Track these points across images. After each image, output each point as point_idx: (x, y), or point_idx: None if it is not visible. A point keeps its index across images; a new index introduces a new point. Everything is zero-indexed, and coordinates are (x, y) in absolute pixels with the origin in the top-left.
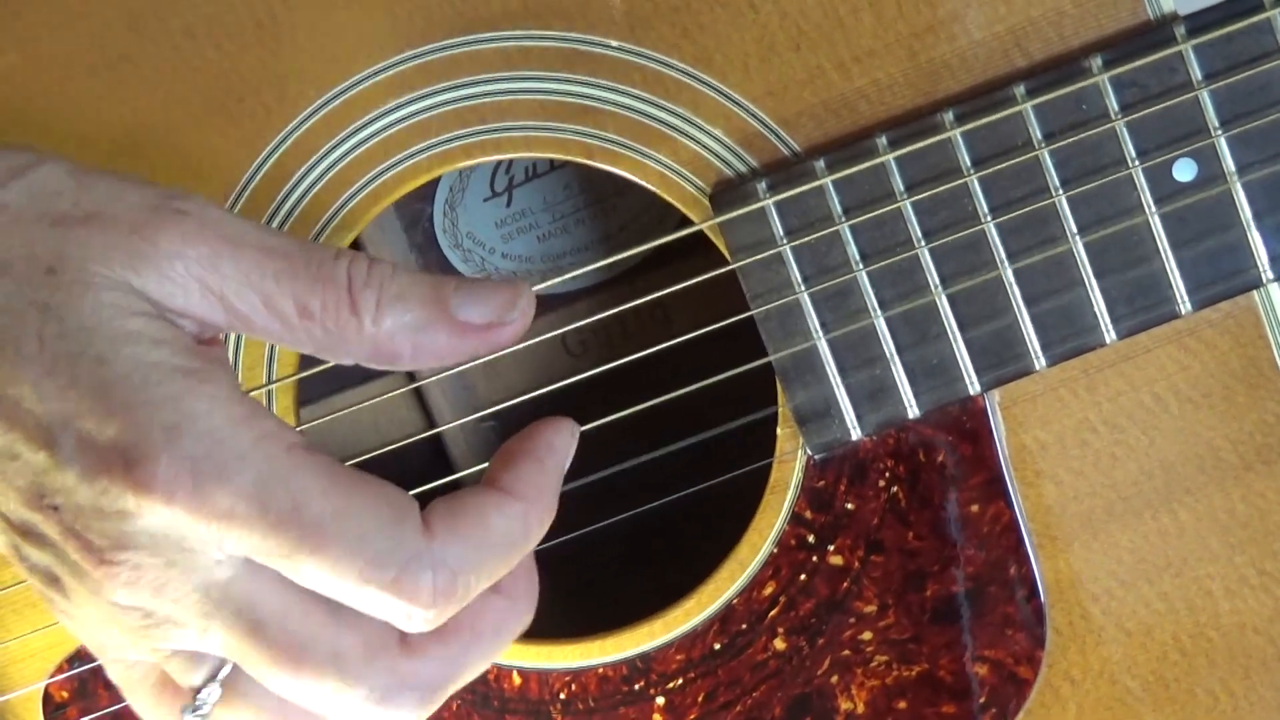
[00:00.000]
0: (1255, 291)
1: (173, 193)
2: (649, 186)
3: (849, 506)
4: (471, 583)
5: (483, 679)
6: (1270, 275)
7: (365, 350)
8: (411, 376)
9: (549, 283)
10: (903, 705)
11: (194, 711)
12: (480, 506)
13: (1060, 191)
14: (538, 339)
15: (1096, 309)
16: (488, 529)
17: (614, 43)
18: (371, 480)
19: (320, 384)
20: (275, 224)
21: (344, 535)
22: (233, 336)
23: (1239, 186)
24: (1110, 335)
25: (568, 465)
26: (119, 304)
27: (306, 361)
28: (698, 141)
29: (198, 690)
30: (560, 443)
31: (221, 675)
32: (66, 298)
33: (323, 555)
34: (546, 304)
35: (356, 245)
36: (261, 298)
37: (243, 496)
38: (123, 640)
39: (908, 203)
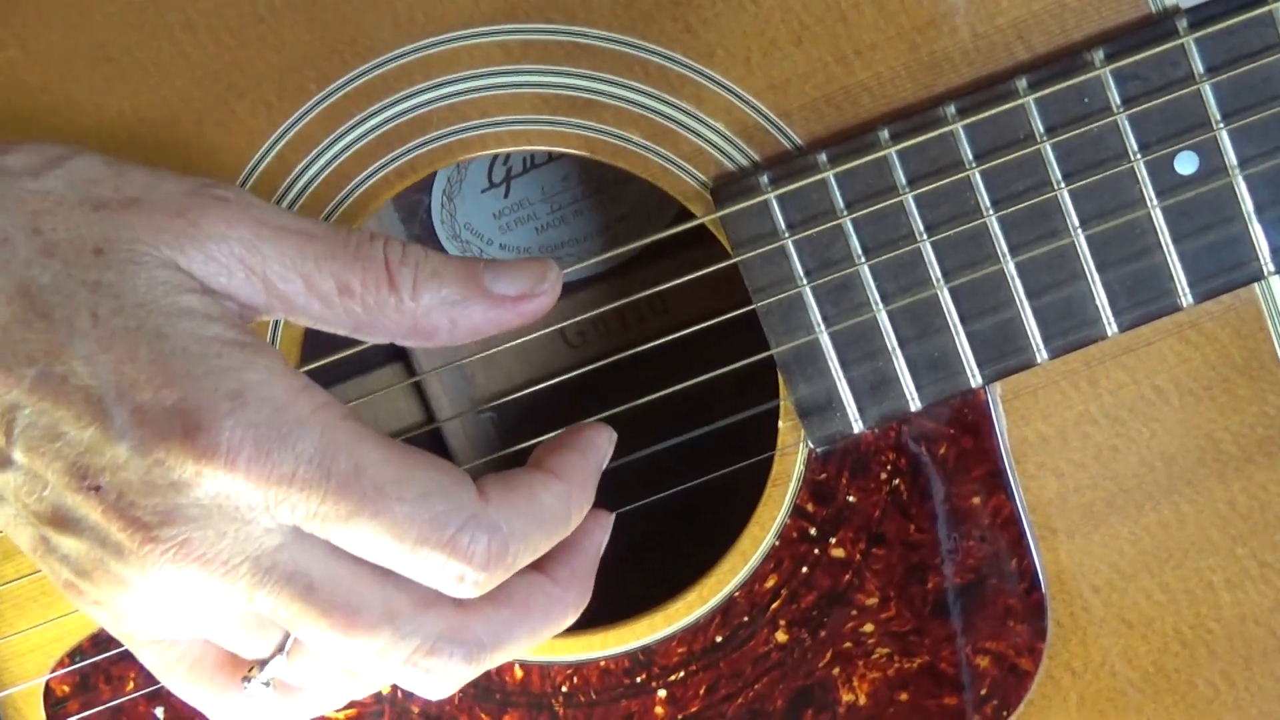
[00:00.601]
0: (1256, 284)
1: (209, 181)
2: (651, 180)
3: (850, 499)
4: (520, 552)
5: (484, 673)
6: (1272, 268)
7: (404, 325)
8: (411, 370)
9: None
10: (904, 697)
11: (261, 681)
12: (530, 483)
13: (1062, 185)
14: (536, 330)
15: (1098, 302)
16: (537, 503)
17: (615, 36)
18: (423, 451)
19: (319, 376)
20: None
21: (405, 497)
22: None
23: (1240, 179)
24: (1111, 328)
25: (604, 466)
26: (171, 280)
27: (307, 355)
28: (699, 135)
29: (265, 662)
30: (601, 442)
31: (289, 646)
32: (118, 276)
33: (384, 517)
34: None
35: None
36: (303, 278)
37: (305, 461)
38: (170, 618)
39: (909, 196)
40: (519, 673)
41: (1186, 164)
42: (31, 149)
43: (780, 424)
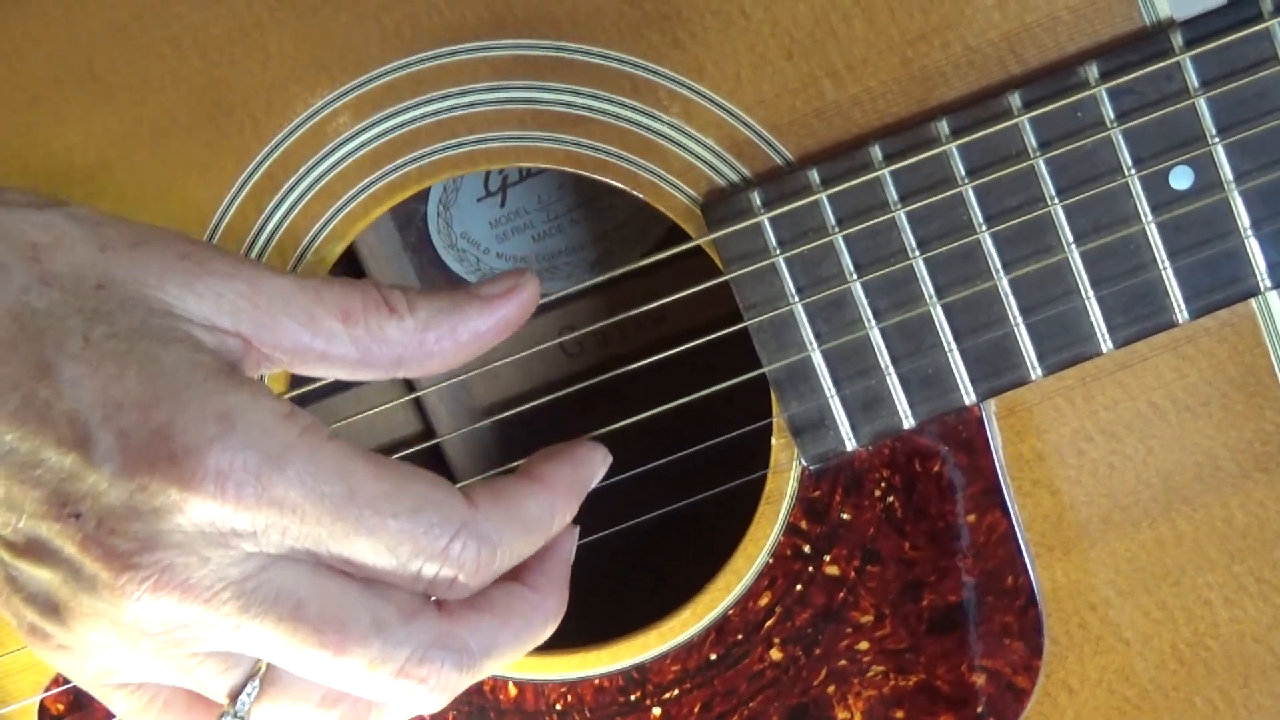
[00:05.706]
0: (1253, 299)
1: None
2: (640, 196)
3: (845, 517)
4: (505, 558)
5: (479, 690)
6: (1268, 283)
7: (411, 344)
8: (410, 383)
9: (545, 285)
10: (900, 715)
11: (234, 716)
12: (517, 490)
13: (1056, 200)
14: (534, 341)
15: (1093, 318)
16: (523, 510)
17: (604, 51)
18: (410, 465)
19: (318, 389)
20: (264, 235)
21: (399, 513)
22: None
23: (1236, 194)
24: (1107, 344)
25: (594, 484)
26: (169, 312)
27: (298, 379)
28: (689, 151)
29: (236, 694)
30: (595, 460)
31: (261, 673)
32: (116, 307)
33: (380, 534)
34: (543, 305)
35: (350, 249)
36: (305, 311)
37: (296, 485)
38: (141, 656)
39: (902, 213)
40: (513, 691)
41: (1182, 179)
42: (31, 192)
43: (773, 441)
